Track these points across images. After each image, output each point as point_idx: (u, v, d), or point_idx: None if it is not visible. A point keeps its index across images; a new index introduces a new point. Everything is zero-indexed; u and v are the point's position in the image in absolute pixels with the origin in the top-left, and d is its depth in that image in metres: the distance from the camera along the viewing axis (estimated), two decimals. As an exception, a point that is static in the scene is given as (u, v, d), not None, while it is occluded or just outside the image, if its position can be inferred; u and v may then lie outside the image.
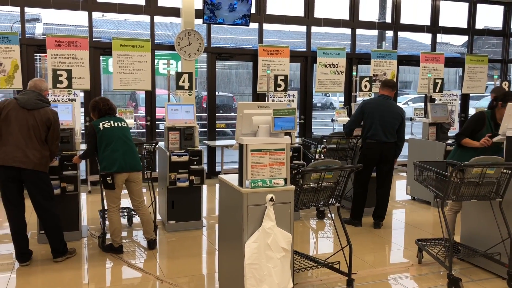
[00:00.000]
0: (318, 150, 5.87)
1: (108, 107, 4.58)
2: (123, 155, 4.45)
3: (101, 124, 4.47)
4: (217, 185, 6.76)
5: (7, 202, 4.15)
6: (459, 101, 9.49)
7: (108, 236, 4.69)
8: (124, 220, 5.43)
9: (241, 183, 3.18)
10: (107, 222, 4.72)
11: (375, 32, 12.72)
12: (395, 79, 8.60)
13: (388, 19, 9.74)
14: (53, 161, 4.51)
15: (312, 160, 5.90)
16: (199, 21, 7.75)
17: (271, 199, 3.14)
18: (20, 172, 4.03)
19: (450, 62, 10.36)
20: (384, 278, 4.14)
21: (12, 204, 4.15)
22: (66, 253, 4.37)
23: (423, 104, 10.78)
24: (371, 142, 5.34)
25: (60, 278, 4.01)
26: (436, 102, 7.26)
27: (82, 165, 5.36)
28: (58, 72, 5.36)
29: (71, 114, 5.00)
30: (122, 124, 4.58)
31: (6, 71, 6.59)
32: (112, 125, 4.49)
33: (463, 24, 10.16)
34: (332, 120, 7.79)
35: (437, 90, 7.12)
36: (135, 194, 4.65)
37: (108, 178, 4.38)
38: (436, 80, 7.13)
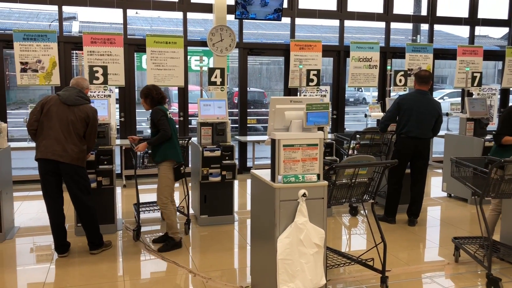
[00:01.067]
0: (351, 146, 5.78)
1: (161, 96, 4.54)
2: (180, 148, 4.58)
3: (167, 112, 4.50)
4: (248, 180, 6.77)
5: (46, 195, 4.28)
6: (499, 96, 9.16)
7: (142, 229, 4.77)
8: (157, 214, 5.52)
9: (273, 178, 3.17)
10: (141, 215, 4.79)
11: (409, 26, 12.40)
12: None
13: (424, 12, 9.49)
14: (89, 155, 4.63)
15: (345, 156, 5.82)
16: (231, 17, 7.78)
17: (304, 195, 3.11)
18: (58, 165, 4.14)
19: (489, 55, 10.00)
20: (419, 276, 4.05)
21: (51, 197, 4.28)
22: (102, 246, 4.49)
23: (459, 99, 10.47)
24: (405, 138, 5.23)
25: (97, 269, 4.12)
26: (474, 96, 7.03)
27: (117, 159, 5.46)
28: (94, 69, 5.50)
29: (106, 110, 5.10)
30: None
31: (44, 68, 6.80)
32: (171, 116, 4.54)
33: (504, 15, 9.78)
34: (366, 116, 7.66)
35: (475, 84, 6.90)
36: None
37: (182, 168, 4.49)
38: (474, 74, 6.91)
